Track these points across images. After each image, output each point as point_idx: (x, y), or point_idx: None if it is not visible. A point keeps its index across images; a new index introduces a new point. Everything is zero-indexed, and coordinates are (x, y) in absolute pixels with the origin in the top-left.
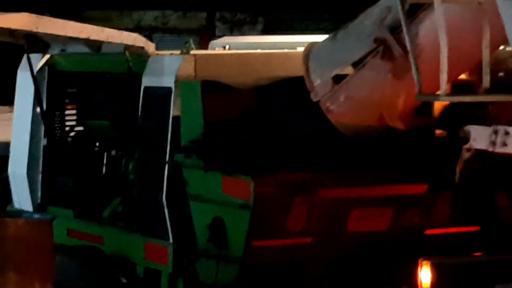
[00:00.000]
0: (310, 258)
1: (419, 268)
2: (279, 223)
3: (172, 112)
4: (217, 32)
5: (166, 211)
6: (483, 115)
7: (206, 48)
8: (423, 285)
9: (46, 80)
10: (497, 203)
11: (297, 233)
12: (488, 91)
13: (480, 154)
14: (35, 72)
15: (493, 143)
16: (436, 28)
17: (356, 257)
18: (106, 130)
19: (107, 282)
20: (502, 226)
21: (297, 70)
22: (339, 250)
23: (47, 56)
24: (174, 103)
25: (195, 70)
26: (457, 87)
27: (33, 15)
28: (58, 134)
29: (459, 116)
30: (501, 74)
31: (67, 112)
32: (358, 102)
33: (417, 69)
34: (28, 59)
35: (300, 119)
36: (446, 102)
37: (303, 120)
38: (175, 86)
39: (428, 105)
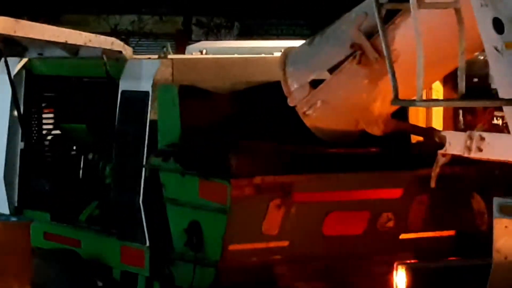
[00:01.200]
0: (286, 262)
1: (394, 272)
2: (256, 226)
3: (149, 116)
4: (193, 37)
5: (143, 214)
6: None
7: (183, 52)
8: (396, 286)
9: (23, 83)
10: (472, 208)
11: (273, 237)
12: (463, 97)
13: (456, 159)
14: (12, 75)
15: (469, 149)
16: (412, 34)
17: (332, 261)
18: (83, 134)
19: (83, 285)
20: (477, 231)
21: (274, 75)
22: (315, 254)
23: (24, 60)
24: (151, 107)
25: (172, 74)
26: None
27: (11, 19)
28: (35, 138)
29: None
30: (475, 80)
31: (44, 115)
32: (335, 107)
33: (393, 74)
34: (6, 62)
35: (277, 124)
36: None
37: (280, 125)
38: (153, 90)
39: (404, 110)
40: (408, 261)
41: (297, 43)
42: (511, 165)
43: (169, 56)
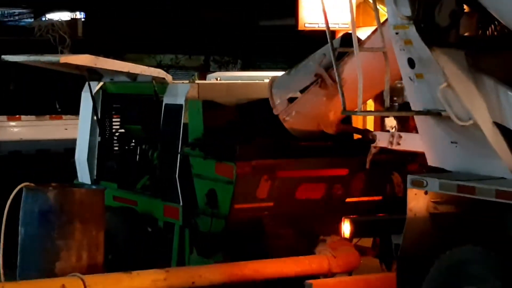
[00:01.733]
0: (272, 216)
1: (342, 223)
2: (252, 193)
3: (182, 120)
4: (211, 69)
5: (178, 184)
6: None
7: (204, 79)
8: (344, 234)
9: (100, 98)
10: (393, 181)
11: (263, 199)
12: (388, 109)
13: (382, 150)
14: (93, 93)
15: (391, 143)
16: (355, 68)
17: (302, 216)
18: (139, 132)
19: (139, 231)
20: (396, 197)
21: (264, 94)
22: (291, 211)
23: (101, 83)
24: (184, 115)
25: (198, 93)
26: None
27: (93, 56)
28: (107, 134)
29: None
30: (395, 98)
31: (113, 120)
32: (304, 115)
33: (342, 94)
34: (89, 85)
35: (266, 126)
36: None
37: (268, 126)
38: (185, 104)
39: (349, 118)
40: (351, 216)
41: (279, 73)
42: (419, 153)
43: (196, 81)
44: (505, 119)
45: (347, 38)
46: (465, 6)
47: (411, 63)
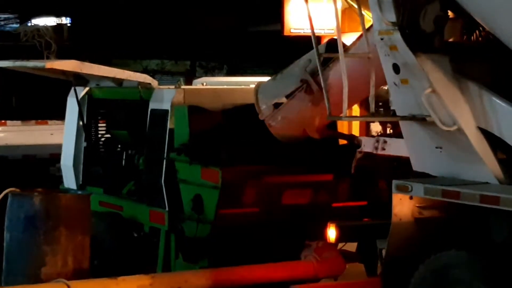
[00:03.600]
0: (257, 221)
1: (327, 228)
2: (237, 198)
3: (168, 126)
4: (197, 74)
5: (164, 190)
6: None
7: (190, 84)
8: (330, 239)
9: (86, 104)
10: (378, 186)
11: (249, 205)
12: (373, 114)
13: (368, 155)
14: (79, 98)
15: (376, 148)
16: (340, 73)
17: (288, 221)
18: (125, 137)
19: (124, 236)
20: (381, 202)
21: (250, 99)
22: (276, 216)
23: (87, 88)
24: (170, 120)
25: (184, 98)
26: None
27: (78, 62)
28: (93, 139)
29: None
30: (380, 104)
31: (99, 125)
32: (290, 120)
33: (328, 99)
34: (75, 90)
35: (252, 131)
36: None
37: (253, 132)
38: (171, 109)
39: (334, 123)
40: (337, 221)
41: (265, 79)
42: (404, 158)
43: (182, 87)
44: (489, 124)
45: (333, 44)
46: (449, 12)
47: (396, 68)
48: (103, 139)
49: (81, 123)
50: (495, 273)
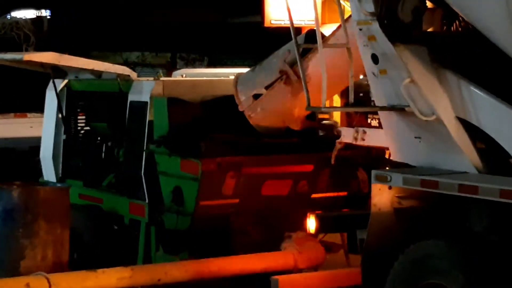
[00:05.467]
0: (237, 212)
1: (307, 219)
2: (217, 190)
3: (148, 118)
4: (177, 66)
5: (143, 182)
6: None
7: (170, 76)
8: (310, 230)
9: (65, 96)
10: (358, 177)
11: (229, 196)
12: (352, 105)
13: (348, 145)
14: (58, 91)
15: (356, 139)
16: (319, 64)
17: (267, 212)
18: (105, 129)
19: (104, 229)
20: (361, 192)
21: (229, 90)
22: (256, 207)
23: (65, 81)
24: (149, 112)
25: (163, 90)
26: None
27: (57, 54)
28: (73, 132)
29: None
30: (361, 94)
31: (79, 117)
32: (269, 111)
33: (307, 90)
34: (53, 82)
35: (231, 123)
36: None
37: (233, 123)
38: (150, 101)
39: (314, 114)
40: (316, 212)
41: (245, 70)
42: (383, 149)
43: (161, 78)
44: (468, 113)
45: (312, 35)
46: (428, 2)
47: (374, 58)
48: (82, 131)
49: (60, 115)
50: (474, 263)
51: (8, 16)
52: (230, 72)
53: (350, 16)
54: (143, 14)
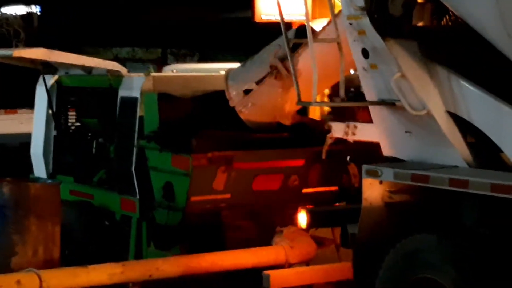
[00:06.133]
0: (229, 208)
1: (298, 214)
2: (208, 185)
3: (138, 113)
4: (168, 62)
5: (134, 178)
6: None
7: (161, 71)
8: (301, 225)
9: (55, 92)
10: (349, 171)
11: (220, 191)
12: (343, 100)
13: (338, 140)
14: (48, 87)
15: (346, 133)
16: (309, 59)
17: (259, 207)
18: (96, 125)
19: (95, 225)
20: (352, 187)
21: (220, 86)
22: (248, 202)
23: (56, 76)
24: (139, 107)
25: (153, 86)
26: None
27: (47, 49)
28: (63, 128)
29: None
30: (352, 89)
31: (69, 113)
32: (260, 106)
33: (297, 85)
34: (43, 78)
35: (222, 118)
36: None
37: (224, 118)
38: (140, 96)
39: (305, 109)
40: (307, 206)
41: (235, 65)
42: (374, 143)
43: (151, 74)
44: (458, 108)
45: (302, 30)
46: None
47: (365, 53)
48: (73, 127)
49: (50, 111)
50: (465, 257)
51: None
52: (221, 68)
53: (340, 11)
54: (134, 10)
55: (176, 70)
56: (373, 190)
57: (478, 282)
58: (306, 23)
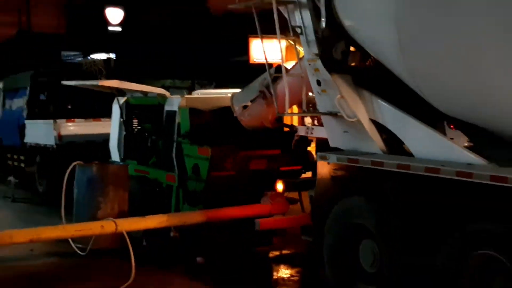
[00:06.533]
0: (234, 180)
1: (277, 183)
2: (221, 165)
3: (177, 121)
4: (195, 88)
5: (174, 161)
6: None
7: (190, 94)
8: (279, 190)
9: (124, 107)
10: (309, 156)
11: (228, 170)
12: (305, 112)
13: (302, 137)
14: (120, 104)
15: (307, 133)
16: (284, 86)
17: (253, 179)
18: (150, 128)
19: (150, 191)
20: (311, 166)
21: (228, 103)
22: (246, 176)
23: (125, 98)
24: (177, 117)
25: (186, 103)
26: None
27: (119, 81)
28: (130, 130)
29: None
30: (310, 105)
31: (134, 121)
32: (253, 116)
33: (276, 102)
34: (117, 99)
35: (229, 124)
36: None
37: (230, 124)
38: (178, 110)
39: (281, 117)
40: (283, 179)
41: (237, 90)
42: (324, 139)
43: (185, 96)
44: (376, 116)
45: (279, 68)
46: (351, 48)
47: (318, 83)
48: (136, 130)
49: (121, 119)
50: (381, 210)
51: (88, 58)
52: (228, 92)
53: (303, 56)
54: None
55: (200, 93)
56: (323, 168)
57: (388, 226)
58: (281, 64)
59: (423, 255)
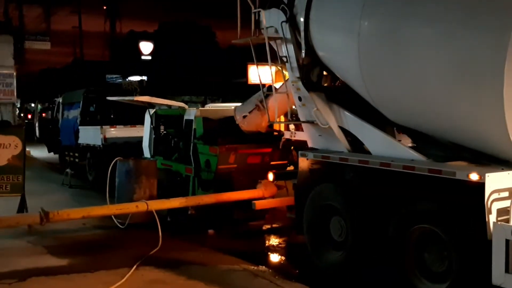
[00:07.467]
0: (236, 171)
1: (269, 174)
2: (226, 160)
3: (193, 127)
4: (207, 102)
5: (191, 157)
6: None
7: (203, 107)
8: (270, 179)
9: (154, 116)
10: (292, 154)
11: (231, 164)
12: (289, 120)
13: (287, 140)
14: (150, 114)
15: (291, 136)
16: (274, 101)
17: (250, 171)
18: (173, 132)
19: (173, 180)
20: (294, 161)
21: (231, 114)
22: (245, 169)
23: (154, 109)
24: (194, 124)
25: (200, 113)
26: None
27: (150, 97)
28: (158, 134)
29: None
30: (294, 115)
31: (161, 127)
32: (250, 124)
33: (268, 113)
34: (148, 110)
35: (232, 129)
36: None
37: (233, 129)
38: (194, 119)
39: (272, 124)
40: (273, 170)
41: (239, 104)
42: (304, 141)
43: (199, 108)
44: (343, 124)
45: (270, 87)
46: (325, 72)
47: (300, 98)
48: (162, 133)
49: (151, 126)
50: (348, 195)
51: (127, 79)
52: (232, 105)
53: (288, 78)
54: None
55: (210, 106)
56: (303, 163)
57: (352, 206)
58: (272, 84)
59: (378, 227)
